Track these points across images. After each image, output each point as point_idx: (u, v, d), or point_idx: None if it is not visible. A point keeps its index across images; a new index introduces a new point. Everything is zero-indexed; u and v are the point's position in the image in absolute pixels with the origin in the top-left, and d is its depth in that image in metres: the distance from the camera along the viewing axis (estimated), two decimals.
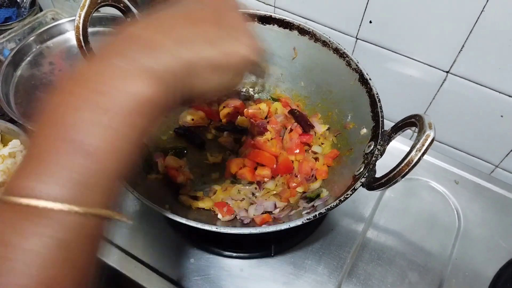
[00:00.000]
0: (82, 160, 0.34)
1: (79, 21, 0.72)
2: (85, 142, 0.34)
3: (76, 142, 0.34)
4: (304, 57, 0.90)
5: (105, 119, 0.35)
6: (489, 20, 0.78)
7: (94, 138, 0.34)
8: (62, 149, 0.34)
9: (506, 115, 0.90)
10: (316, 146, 0.86)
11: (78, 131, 0.34)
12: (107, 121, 0.35)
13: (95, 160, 0.34)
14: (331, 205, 0.61)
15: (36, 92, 1.09)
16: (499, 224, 0.91)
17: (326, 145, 0.86)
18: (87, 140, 0.34)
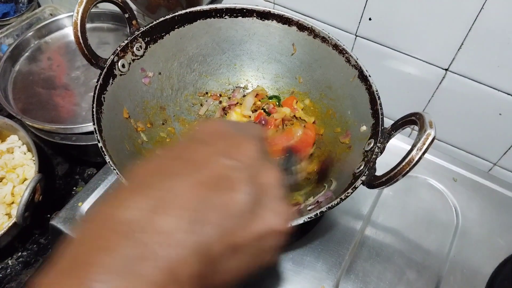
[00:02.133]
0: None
1: (77, 17, 0.72)
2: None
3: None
4: (303, 53, 0.90)
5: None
6: (488, 18, 0.78)
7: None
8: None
9: (505, 113, 0.90)
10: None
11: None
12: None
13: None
14: (332, 203, 0.61)
15: (34, 87, 1.09)
16: (497, 222, 0.92)
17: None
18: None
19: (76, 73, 1.13)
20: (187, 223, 0.30)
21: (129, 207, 0.30)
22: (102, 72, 0.74)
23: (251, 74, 0.98)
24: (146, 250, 0.28)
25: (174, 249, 0.28)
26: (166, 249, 0.28)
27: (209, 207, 0.31)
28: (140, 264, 0.27)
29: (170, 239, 0.29)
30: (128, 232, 0.28)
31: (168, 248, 0.28)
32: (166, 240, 0.29)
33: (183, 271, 0.28)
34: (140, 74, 0.84)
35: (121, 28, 1.24)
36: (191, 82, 0.94)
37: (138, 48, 0.82)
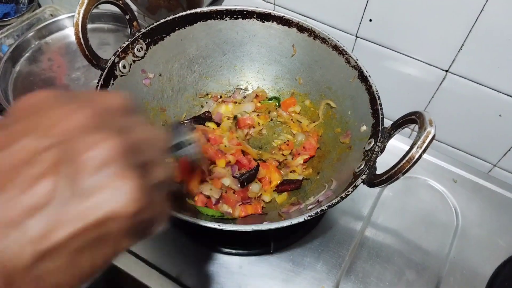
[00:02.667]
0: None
1: (78, 18, 0.72)
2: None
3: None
4: (303, 54, 0.90)
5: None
6: (488, 19, 0.78)
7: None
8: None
9: (505, 114, 0.90)
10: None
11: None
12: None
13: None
14: (333, 202, 0.61)
15: (35, 88, 1.09)
16: (497, 222, 0.92)
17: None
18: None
19: (77, 74, 1.13)
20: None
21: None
22: (102, 73, 0.74)
23: (252, 75, 0.98)
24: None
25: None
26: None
27: (7, 203, 0.26)
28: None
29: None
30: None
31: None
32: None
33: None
34: (141, 75, 0.84)
35: (122, 29, 1.24)
36: (191, 83, 0.95)
37: (139, 49, 0.82)
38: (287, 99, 0.95)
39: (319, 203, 0.72)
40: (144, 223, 0.30)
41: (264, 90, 0.97)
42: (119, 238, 0.29)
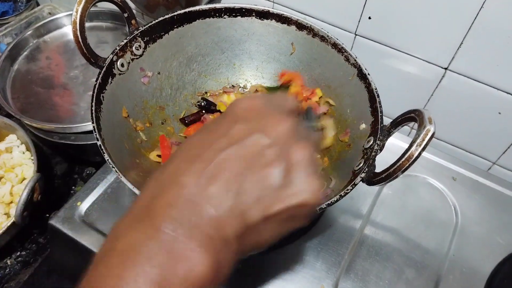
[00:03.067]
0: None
1: (76, 16, 0.72)
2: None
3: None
4: (302, 52, 0.90)
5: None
6: (488, 17, 0.78)
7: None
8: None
9: (504, 112, 0.90)
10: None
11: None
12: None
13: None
14: (332, 200, 0.61)
15: (33, 86, 1.09)
16: (496, 220, 0.92)
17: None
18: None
19: (75, 72, 1.13)
20: (230, 192, 0.36)
21: (185, 175, 0.36)
22: (101, 71, 0.74)
23: (250, 73, 0.98)
24: (201, 210, 0.35)
25: (221, 212, 0.35)
26: (215, 211, 0.35)
27: (248, 180, 0.37)
28: (197, 220, 0.34)
29: (218, 204, 0.35)
30: (187, 195, 0.35)
31: (216, 210, 0.35)
32: (215, 204, 0.35)
33: (227, 229, 0.35)
34: (139, 73, 0.84)
35: (120, 27, 1.24)
36: (190, 81, 0.94)
37: (137, 47, 0.82)
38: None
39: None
40: (314, 210, 0.42)
41: (261, 85, 0.97)
42: (303, 217, 0.41)
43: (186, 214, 0.34)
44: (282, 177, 0.38)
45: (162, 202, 0.35)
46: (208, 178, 0.36)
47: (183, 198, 0.35)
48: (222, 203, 0.35)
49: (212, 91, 0.97)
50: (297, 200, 0.38)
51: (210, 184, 0.36)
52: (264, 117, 0.41)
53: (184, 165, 0.38)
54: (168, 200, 0.35)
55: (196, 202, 0.35)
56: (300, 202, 0.38)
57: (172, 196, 0.35)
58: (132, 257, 0.32)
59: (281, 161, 0.38)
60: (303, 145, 0.40)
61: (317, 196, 0.39)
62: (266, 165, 0.38)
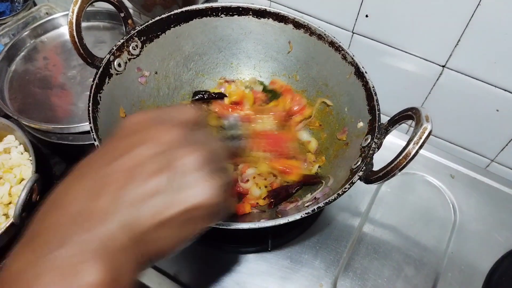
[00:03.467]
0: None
1: (72, 16, 0.72)
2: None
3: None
4: (300, 51, 0.90)
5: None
6: (485, 14, 0.78)
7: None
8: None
9: (502, 109, 0.90)
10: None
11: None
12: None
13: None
14: (330, 199, 0.61)
15: (31, 87, 1.09)
16: (494, 218, 0.92)
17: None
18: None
19: (72, 72, 1.13)
20: (117, 204, 0.36)
21: (72, 193, 0.38)
22: (98, 71, 0.74)
23: (248, 72, 0.98)
24: (89, 225, 0.35)
25: (109, 223, 0.35)
26: (102, 223, 0.35)
27: (133, 191, 0.37)
28: (85, 234, 0.35)
29: (104, 216, 0.36)
30: (73, 212, 0.36)
31: (103, 223, 0.35)
32: (100, 217, 0.36)
33: (113, 243, 0.35)
34: (136, 73, 0.84)
35: (117, 27, 1.24)
36: (187, 81, 0.94)
37: (134, 47, 0.81)
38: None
39: (316, 200, 0.72)
40: (218, 210, 0.42)
41: (255, 78, 0.97)
42: (202, 219, 0.41)
43: (73, 230, 0.35)
44: (168, 184, 0.38)
45: (49, 223, 0.36)
46: (93, 194, 0.37)
47: (69, 216, 0.36)
48: (108, 215, 0.36)
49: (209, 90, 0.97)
50: (186, 204, 0.38)
51: (95, 199, 0.36)
52: (152, 128, 0.42)
53: (72, 183, 0.39)
54: (55, 220, 0.36)
55: (83, 218, 0.35)
56: (191, 206, 0.38)
57: (59, 216, 0.36)
58: (20, 282, 0.33)
59: (167, 168, 0.38)
60: (191, 149, 0.40)
61: (210, 196, 0.39)
62: (151, 174, 0.38)
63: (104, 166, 0.39)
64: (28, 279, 0.32)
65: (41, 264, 0.33)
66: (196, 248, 0.84)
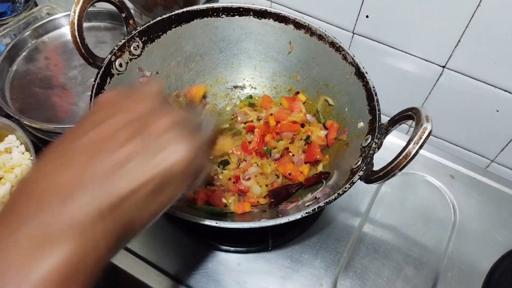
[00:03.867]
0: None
1: (74, 17, 0.72)
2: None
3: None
4: (300, 51, 0.90)
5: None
6: (485, 15, 0.78)
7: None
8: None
9: (502, 109, 0.90)
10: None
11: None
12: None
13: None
14: (330, 198, 0.61)
15: (32, 87, 1.09)
16: (494, 218, 0.92)
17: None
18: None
19: (74, 72, 1.13)
20: (83, 178, 0.36)
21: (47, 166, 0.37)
22: (99, 72, 0.74)
23: (248, 73, 0.98)
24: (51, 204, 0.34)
25: (72, 201, 0.34)
26: (65, 201, 0.34)
27: (108, 159, 0.37)
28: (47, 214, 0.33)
29: (68, 193, 0.35)
30: (45, 185, 0.35)
31: (67, 200, 0.34)
32: (72, 187, 0.35)
33: (81, 218, 0.34)
34: (138, 73, 0.84)
35: (119, 27, 1.24)
36: (188, 81, 0.94)
37: (135, 47, 0.82)
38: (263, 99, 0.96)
39: (316, 200, 0.72)
40: (195, 170, 0.42)
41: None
42: (179, 181, 0.40)
43: (38, 208, 0.34)
44: (141, 149, 0.38)
45: (14, 202, 0.36)
46: (62, 168, 0.36)
47: (36, 193, 0.35)
48: (76, 188, 0.35)
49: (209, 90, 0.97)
50: (161, 166, 0.38)
51: (63, 172, 0.36)
52: (123, 101, 0.43)
53: (43, 162, 0.38)
54: (21, 198, 0.35)
55: (50, 194, 0.35)
56: (165, 167, 0.38)
57: (26, 194, 0.35)
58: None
59: (139, 134, 0.39)
60: (162, 113, 0.41)
61: (184, 155, 0.39)
62: (122, 142, 0.38)
63: (75, 140, 0.38)
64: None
65: (4, 244, 0.32)
66: (197, 248, 0.84)
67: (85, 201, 0.35)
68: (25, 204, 0.35)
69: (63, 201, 0.34)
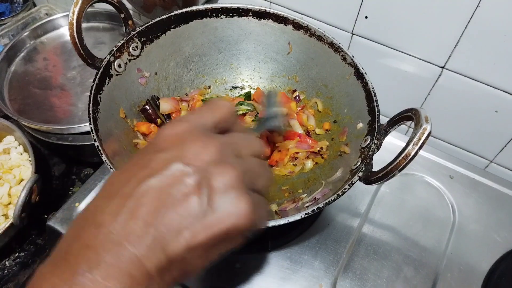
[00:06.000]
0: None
1: (73, 17, 0.72)
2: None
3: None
4: (299, 52, 0.90)
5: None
6: (484, 15, 0.78)
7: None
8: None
9: (501, 110, 0.90)
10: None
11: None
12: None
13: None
14: (329, 199, 0.61)
15: (30, 88, 1.09)
16: (493, 218, 0.92)
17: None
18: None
19: (72, 73, 1.13)
20: (149, 227, 0.35)
21: (103, 212, 0.36)
22: (98, 72, 0.74)
23: (248, 73, 0.98)
24: (119, 249, 0.34)
25: (140, 248, 0.34)
26: (133, 248, 0.34)
27: (168, 213, 0.36)
28: (114, 259, 0.34)
29: (136, 240, 0.34)
30: (104, 234, 0.35)
31: (135, 247, 0.34)
32: (133, 241, 0.34)
33: (147, 265, 0.34)
34: (137, 74, 0.84)
35: (117, 28, 1.24)
36: (187, 82, 0.94)
37: (134, 48, 0.82)
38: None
39: (316, 201, 0.72)
40: (252, 229, 0.40)
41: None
42: (235, 239, 0.40)
43: (103, 254, 0.34)
44: (204, 205, 0.37)
45: (79, 245, 0.35)
46: (126, 214, 0.35)
47: (100, 238, 0.34)
48: (140, 239, 0.34)
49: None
50: (221, 227, 0.37)
51: (128, 220, 0.35)
52: (186, 143, 0.40)
53: (103, 202, 0.37)
54: (85, 242, 0.35)
55: (114, 241, 0.34)
56: (226, 228, 0.37)
57: (89, 237, 0.35)
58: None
59: (202, 189, 0.37)
60: (227, 167, 0.38)
61: (246, 217, 0.38)
62: (185, 195, 0.36)
63: (136, 184, 0.37)
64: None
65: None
66: None
67: (146, 255, 0.34)
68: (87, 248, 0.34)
69: (124, 252, 0.34)
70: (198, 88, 0.96)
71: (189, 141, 0.40)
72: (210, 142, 0.40)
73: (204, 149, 0.39)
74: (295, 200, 0.79)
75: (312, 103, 0.91)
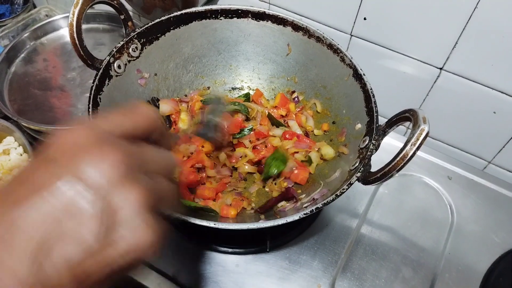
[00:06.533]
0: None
1: (73, 19, 0.72)
2: None
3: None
4: (298, 53, 0.90)
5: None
6: (482, 17, 0.78)
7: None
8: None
9: (499, 111, 0.90)
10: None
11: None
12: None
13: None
14: (328, 199, 0.62)
15: (30, 88, 1.09)
16: (491, 219, 0.92)
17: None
18: None
19: (72, 74, 1.13)
20: (29, 259, 0.29)
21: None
22: (98, 73, 0.74)
23: (247, 74, 0.98)
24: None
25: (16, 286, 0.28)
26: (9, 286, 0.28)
27: (54, 241, 0.30)
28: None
29: (12, 277, 0.28)
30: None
31: (11, 285, 0.28)
32: (9, 278, 0.28)
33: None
34: (136, 75, 0.84)
35: (117, 29, 1.24)
36: (187, 83, 0.95)
37: (134, 49, 0.82)
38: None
39: (314, 201, 0.73)
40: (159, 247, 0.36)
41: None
42: (137, 267, 0.35)
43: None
44: (100, 237, 0.31)
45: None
46: (3, 245, 0.29)
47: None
48: (15, 275, 0.28)
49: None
50: (121, 263, 0.32)
51: (5, 252, 0.29)
52: (81, 153, 0.33)
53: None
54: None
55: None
56: (127, 264, 0.33)
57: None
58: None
59: (99, 216, 0.31)
60: (130, 187, 0.33)
61: (150, 249, 0.33)
62: (78, 224, 0.30)
63: (13, 207, 0.30)
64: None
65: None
66: (195, 249, 0.84)
67: (29, 280, 0.29)
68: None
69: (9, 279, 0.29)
70: (198, 89, 0.96)
71: (86, 151, 0.33)
72: (111, 152, 0.33)
73: (102, 162, 0.32)
74: (294, 200, 0.79)
75: (311, 104, 0.92)
